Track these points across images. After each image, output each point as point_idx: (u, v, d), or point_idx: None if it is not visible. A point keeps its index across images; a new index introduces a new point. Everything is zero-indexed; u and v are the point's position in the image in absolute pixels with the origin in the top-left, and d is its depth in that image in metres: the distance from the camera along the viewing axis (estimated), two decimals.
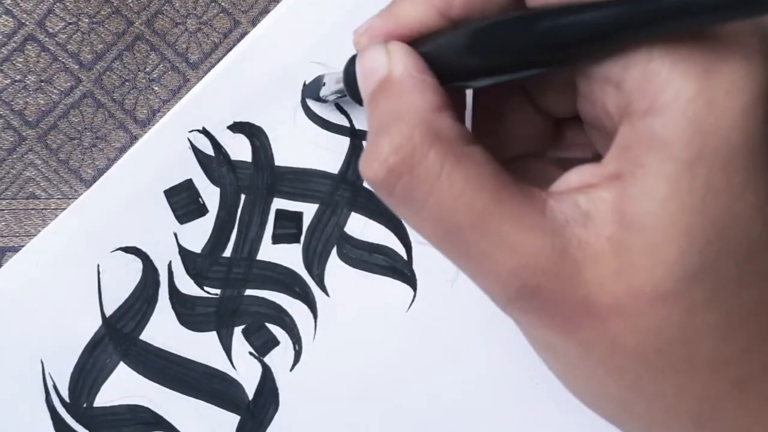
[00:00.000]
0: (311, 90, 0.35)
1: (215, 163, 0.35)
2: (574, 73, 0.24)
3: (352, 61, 0.28)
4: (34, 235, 0.35)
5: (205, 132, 0.35)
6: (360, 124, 0.35)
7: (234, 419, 0.35)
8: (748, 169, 0.20)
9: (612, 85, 0.21)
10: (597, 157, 0.23)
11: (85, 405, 0.35)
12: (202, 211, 0.35)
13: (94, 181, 0.35)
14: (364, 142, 0.35)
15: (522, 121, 0.27)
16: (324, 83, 0.33)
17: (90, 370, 0.35)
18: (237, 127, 0.35)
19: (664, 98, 0.20)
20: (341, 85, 0.29)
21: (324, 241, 0.35)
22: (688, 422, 0.22)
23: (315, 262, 0.35)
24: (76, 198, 0.35)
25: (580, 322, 0.21)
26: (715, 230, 0.20)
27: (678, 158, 0.20)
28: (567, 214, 0.22)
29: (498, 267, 0.22)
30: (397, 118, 0.23)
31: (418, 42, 0.24)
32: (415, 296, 0.35)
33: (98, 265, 0.35)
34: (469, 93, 0.28)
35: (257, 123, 0.35)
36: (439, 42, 0.24)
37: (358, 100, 0.27)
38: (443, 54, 0.24)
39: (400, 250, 0.35)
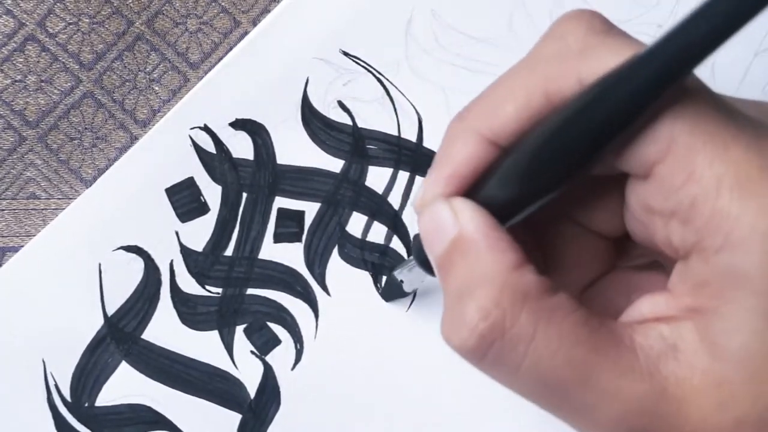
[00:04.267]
0: (392, 292, 0.35)
1: (217, 161, 0.35)
2: (628, 202, 0.24)
3: (417, 238, 0.27)
4: (35, 235, 0.35)
5: (206, 129, 0.35)
6: (362, 123, 0.35)
7: (236, 418, 0.35)
8: None
9: (678, 221, 0.21)
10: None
11: (86, 404, 0.35)
12: (203, 209, 0.35)
13: (95, 181, 0.35)
14: (368, 146, 0.35)
15: (581, 249, 0.27)
16: (401, 280, 0.33)
17: (92, 370, 0.35)
18: (239, 124, 0.35)
19: (738, 234, 0.20)
20: (416, 268, 0.28)
21: (325, 241, 0.35)
22: None
23: (316, 262, 0.35)
24: (76, 198, 0.35)
25: None
26: None
27: (762, 291, 0.20)
28: (655, 349, 0.22)
29: (604, 416, 0.21)
30: (481, 282, 0.22)
31: (474, 191, 0.24)
32: (415, 296, 0.35)
33: (99, 264, 0.35)
34: None
35: (259, 120, 0.35)
36: (492, 182, 0.23)
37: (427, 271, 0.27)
38: (499, 193, 0.23)
39: (401, 250, 0.35)
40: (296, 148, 0.35)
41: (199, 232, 0.35)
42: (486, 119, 0.23)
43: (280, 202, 0.35)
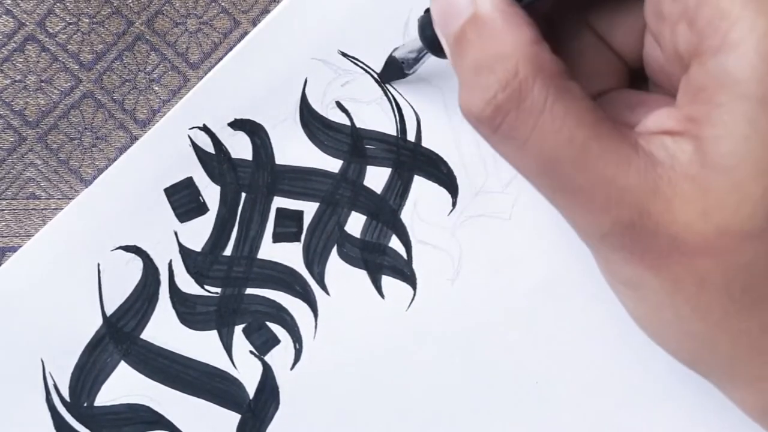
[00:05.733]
0: (391, 72, 0.34)
1: (216, 161, 0.35)
2: (644, 11, 0.24)
3: (427, 13, 0.28)
4: (35, 235, 0.35)
5: (205, 129, 0.35)
6: (360, 123, 0.35)
7: (235, 418, 0.35)
8: None
9: (685, 23, 0.22)
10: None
11: (85, 404, 0.35)
12: (202, 209, 0.35)
13: (94, 181, 0.35)
14: (367, 146, 0.35)
15: (595, 59, 0.27)
16: (402, 61, 0.33)
17: (90, 370, 0.35)
18: (238, 125, 0.35)
19: (736, 34, 0.20)
20: (418, 47, 0.29)
21: (324, 240, 0.35)
22: None
23: (315, 261, 0.35)
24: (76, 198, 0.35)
25: (670, 259, 0.22)
26: None
27: (753, 96, 0.20)
28: (656, 155, 0.22)
29: (595, 201, 0.22)
30: (499, 55, 0.23)
31: None
32: (414, 295, 0.35)
33: (98, 264, 0.35)
34: None
35: (258, 120, 0.35)
36: None
37: (435, 50, 0.28)
38: None
39: (400, 250, 0.35)
40: (295, 149, 0.35)
41: (198, 232, 0.35)
42: None
43: (279, 202, 0.35)
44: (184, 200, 0.35)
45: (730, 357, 0.23)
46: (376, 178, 0.35)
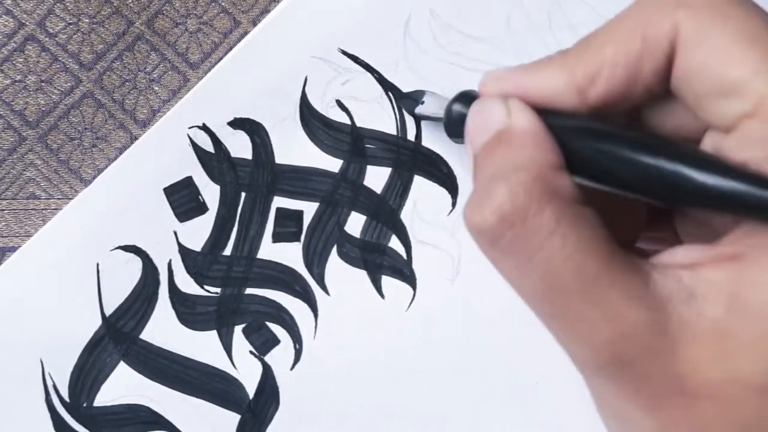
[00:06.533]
0: (407, 103, 0.35)
1: (215, 161, 0.35)
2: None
3: (457, 99, 0.29)
4: (34, 236, 0.35)
5: (205, 128, 0.35)
6: (361, 122, 0.35)
7: (234, 418, 0.35)
8: None
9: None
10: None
11: (85, 404, 0.35)
12: (202, 209, 0.35)
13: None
14: (367, 145, 0.35)
15: (620, 203, 0.27)
16: (423, 101, 0.34)
17: (90, 370, 0.35)
18: (237, 124, 0.35)
19: None
20: (440, 115, 0.30)
21: (324, 240, 0.35)
22: None
23: (315, 261, 0.35)
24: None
25: (667, 400, 0.21)
26: None
27: None
28: (670, 289, 0.21)
29: (596, 334, 0.21)
30: (517, 168, 0.22)
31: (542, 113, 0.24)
32: (414, 295, 0.35)
33: (98, 264, 0.35)
34: None
35: (258, 119, 0.35)
36: (564, 125, 0.23)
37: (453, 135, 0.28)
38: (563, 138, 0.23)
39: (400, 250, 0.35)
40: (295, 148, 0.35)
41: (197, 232, 0.35)
42: (584, 58, 0.23)
43: (279, 201, 0.35)
44: (183, 200, 0.35)
45: None
46: (376, 177, 0.35)
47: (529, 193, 0.21)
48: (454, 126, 0.28)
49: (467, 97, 0.28)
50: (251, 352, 0.35)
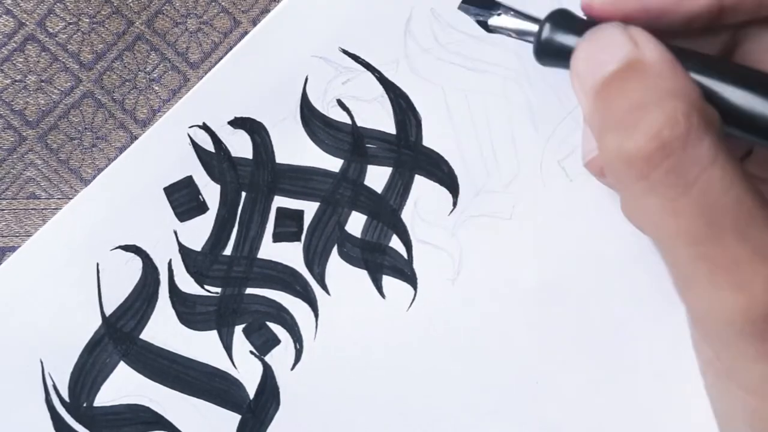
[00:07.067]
0: (476, 9, 0.30)
1: (216, 160, 0.35)
2: None
3: (555, 22, 0.26)
4: (34, 236, 0.35)
5: (205, 127, 0.35)
6: (362, 122, 0.35)
7: (235, 418, 0.35)
8: None
9: None
10: None
11: (85, 404, 0.34)
12: (202, 208, 0.35)
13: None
14: (367, 145, 0.35)
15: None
16: (499, 13, 0.29)
17: (90, 370, 0.35)
18: (238, 123, 0.35)
19: None
20: (525, 31, 0.27)
21: (325, 240, 0.35)
22: None
23: (316, 261, 0.35)
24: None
25: None
26: None
27: None
28: None
29: (754, 279, 0.20)
30: (669, 92, 0.21)
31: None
32: (415, 295, 0.35)
33: (98, 264, 0.35)
34: None
35: (258, 119, 0.35)
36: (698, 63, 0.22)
37: (546, 59, 0.26)
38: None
39: (401, 249, 0.35)
40: (295, 147, 0.35)
41: (197, 232, 0.35)
42: None
43: (279, 201, 0.35)
44: (183, 199, 0.35)
45: None
46: (377, 177, 0.35)
47: (689, 120, 0.20)
48: (550, 51, 0.26)
49: (568, 21, 0.26)
50: (251, 352, 0.35)
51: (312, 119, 0.35)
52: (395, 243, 0.35)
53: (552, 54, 0.26)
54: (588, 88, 0.23)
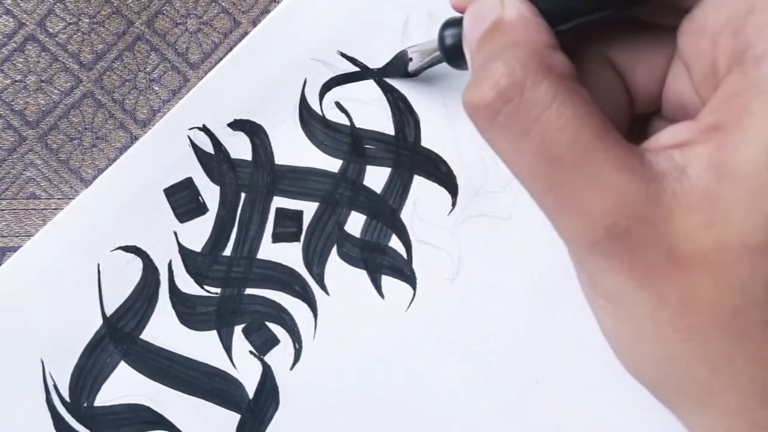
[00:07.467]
0: (395, 68, 0.35)
1: (215, 162, 0.35)
2: (678, 32, 0.24)
3: (445, 26, 0.29)
4: (35, 236, 0.35)
5: (205, 129, 0.35)
6: (360, 123, 0.35)
7: (234, 418, 0.35)
8: None
9: (729, 32, 0.22)
10: None
11: (85, 404, 0.35)
12: (202, 209, 0.35)
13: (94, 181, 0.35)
14: (366, 146, 0.35)
15: (607, 90, 0.27)
16: (410, 58, 0.33)
17: (90, 370, 0.35)
18: (237, 125, 0.35)
19: None
20: (434, 54, 0.31)
21: (324, 240, 0.35)
22: (751, 393, 0.22)
23: (315, 261, 0.35)
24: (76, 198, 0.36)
25: (660, 271, 0.21)
26: None
27: None
28: (663, 167, 0.22)
29: (591, 205, 0.22)
30: (510, 44, 0.23)
31: None
32: (414, 295, 0.35)
33: (98, 265, 0.35)
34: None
35: (257, 121, 0.35)
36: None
37: (455, 61, 0.28)
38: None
39: (400, 249, 0.35)
40: (294, 149, 0.35)
41: (197, 233, 0.35)
42: None
43: (279, 202, 0.35)
44: (183, 200, 0.35)
45: (707, 387, 0.22)
46: (376, 177, 0.35)
47: (526, 67, 0.22)
48: (453, 52, 0.28)
49: (458, 21, 0.28)
50: (251, 352, 0.35)
51: (311, 121, 0.35)
52: (394, 243, 0.35)
53: (456, 51, 0.28)
54: (468, 49, 0.25)
